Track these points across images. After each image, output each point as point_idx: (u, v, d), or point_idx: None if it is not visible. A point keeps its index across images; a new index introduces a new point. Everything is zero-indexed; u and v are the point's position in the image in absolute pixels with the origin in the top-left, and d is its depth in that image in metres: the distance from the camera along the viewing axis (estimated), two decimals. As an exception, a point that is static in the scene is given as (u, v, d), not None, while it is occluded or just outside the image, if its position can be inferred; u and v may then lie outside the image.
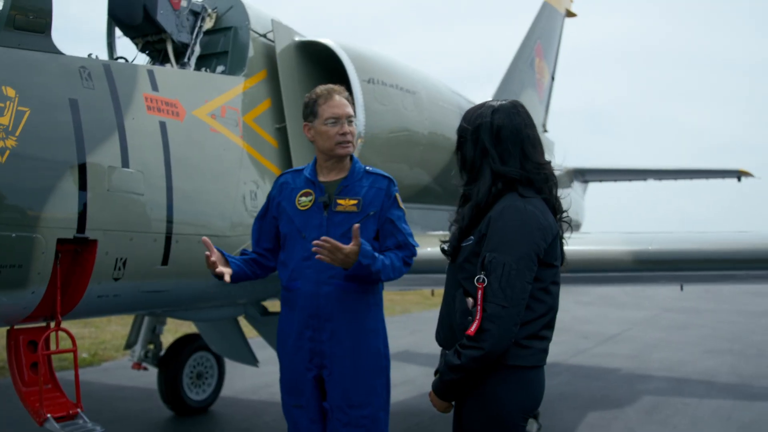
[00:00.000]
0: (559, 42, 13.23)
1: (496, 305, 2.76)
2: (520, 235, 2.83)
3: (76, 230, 3.94)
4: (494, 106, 3.05)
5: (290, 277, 3.68)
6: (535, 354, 2.94)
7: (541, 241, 2.86)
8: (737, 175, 13.23)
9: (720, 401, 8.81)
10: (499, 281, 2.77)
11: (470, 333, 2.78)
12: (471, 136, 3.03)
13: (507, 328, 2.77)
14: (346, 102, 3.75)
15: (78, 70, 4.09)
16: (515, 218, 2.85)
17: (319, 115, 3.70)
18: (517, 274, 2.79)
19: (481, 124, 3.01)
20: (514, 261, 2.79)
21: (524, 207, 2.89)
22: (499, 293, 2.76)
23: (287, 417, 3.81)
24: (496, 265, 2.79)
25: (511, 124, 3.01)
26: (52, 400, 3.96)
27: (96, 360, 10.38)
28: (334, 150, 3.68)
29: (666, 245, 4.79)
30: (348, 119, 3.72)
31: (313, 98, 3.77)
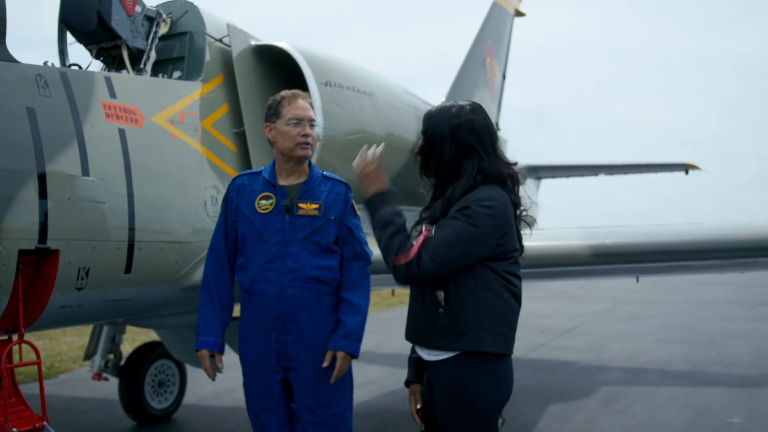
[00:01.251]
0: (509, 41, 13.37)
1: (428, 256, 2.88)
2: (483, 217, 2.90)
3: (38, 240, 3.89)
4: (466, 106, 3.13)
5: (253, 280, 3.67)
6: (505, 341, 3.00)
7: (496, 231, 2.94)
8: (685, 169, 13.54)
9: (675, 388, 9.04)
10: (443, 239, 2.89)
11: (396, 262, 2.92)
12: (449, 136, 3.07)
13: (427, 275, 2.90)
14: (309, 107, 3.80)
15: (34, 78, 4.04)
16: (484, 204, 2.93)
17: (282, 116, 3.73)
18: (461, 243, 2.88)
19: (461, 124, 3.07)
20: (466, 231, 2.88)
21: (493, 196, 2.97)
22: (436, 248, 2.88)
23: (254, 421, 3.80)
24: (447, 225, 2.91)
25: (487, 123, 3.12)
26: (17, 413, 3.88)
27: (53, 372, 10.18)
28: (294, 150, 3.69)
29: (623, 238, 4.90)
30: (310, 122, 3.75)
31: (277, 100, 3.80)
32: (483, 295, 2.94)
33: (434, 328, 3.00)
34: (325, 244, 3.68)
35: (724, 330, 14.35)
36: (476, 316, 2.92)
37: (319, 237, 3.66)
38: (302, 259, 3.62)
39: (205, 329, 3.76)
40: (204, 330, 3.77)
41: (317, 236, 3.66)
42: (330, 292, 3.71)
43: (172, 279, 4.83)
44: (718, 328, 14.70)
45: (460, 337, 2.93)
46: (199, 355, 3.75)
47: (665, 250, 4.73)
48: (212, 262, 3.82)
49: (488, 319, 2.93)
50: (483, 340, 2.92)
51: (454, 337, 2.94)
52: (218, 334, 3.76)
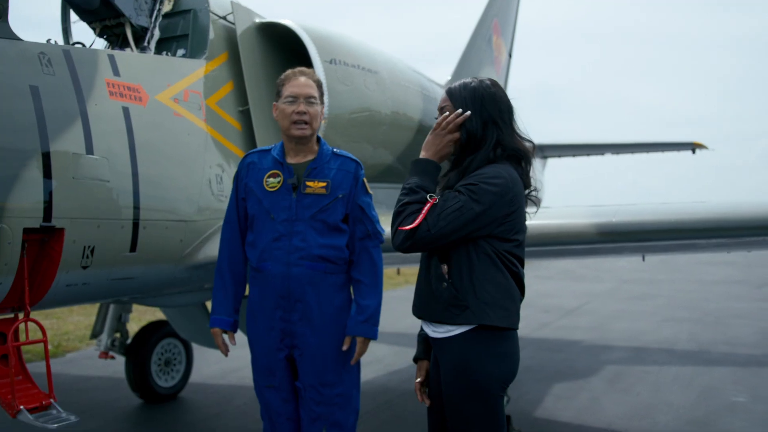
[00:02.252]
0: (515, 19, 13.29)
1: (426, 225, 2.89)
2: (487, 194, 2.91)
3: (43, 219, 3.88)
4: (487, 80, 3.17)
5: (260, 258, 3.67)
6: (510, 316, 3.01)
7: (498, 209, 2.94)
8: (692, 148, 13.50)
9: (680, 368, 9.06)
10: (443, 210, 2.90)
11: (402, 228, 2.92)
12: (473, 107, 3.08)
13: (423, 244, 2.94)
14: (309, 83, 3.73)
15: (38, 56, 4.01)
16: (491, 181, 2.94)
17: (281, 94, 3.72)
18: (460, 216, 2.89)
19: (484, 96, 3.09)
20: (466, 205, 2.89)
21: (501, 174, 2.97)
22: (435, 219, 2.90)
23: (260, 398, 3.83)
24: (450, 197, 2.92)
25: (506, 98, 3.15)
26: (25, 391, 3.90)
27: (60, 351, 10.24)
28: (290, 130, 3.66)
29: (629, 217, 4.87)
30: (307, 99, 3.68)
31: (282, 79, 3.78)
32: (485, 269, 2.95)
33: (437, 302, 3.01)
34: (333, 222, 3.66)
35: (729, 310, 14.36)
36: (479, 290, 2.94)
37: (326, 216, 3.65)
38: (309, 238, 3.61)
39: (218, 307, 3.78)
40: (217, 308, 3.78)
41: (324, 215, 3.64)
42: (337, 270, 3.70)
43: (178, 258, 4.83)
44: (723, 307, 14.70)
45: (462, 310, 2.95)
46: (212, 332, 3.77)
47: (672, 228, 4.70)
48: (225, 240, 3.83)
49: (490, 293, 2.94)
50: (485, 313, 2.93)
51: (456, 310, 2.96)
52: (230, 312, 3.78)
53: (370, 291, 3.72)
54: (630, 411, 7.02)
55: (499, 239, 2.99)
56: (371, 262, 3.75)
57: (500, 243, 3.00)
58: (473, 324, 2.94)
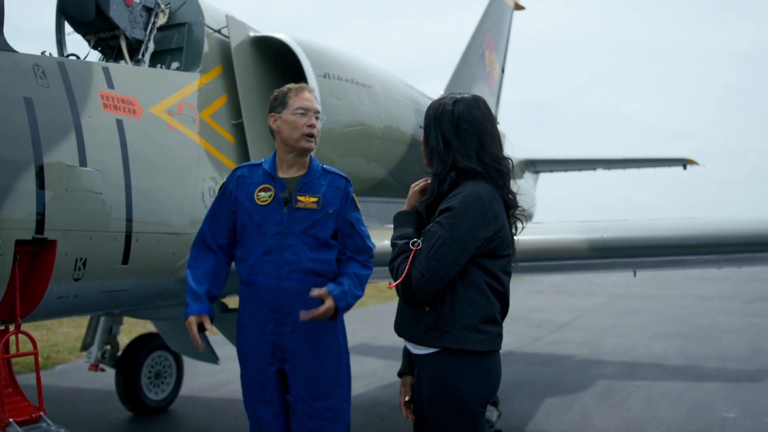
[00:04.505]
0: (508, 35, 13.35)
1: (418, 271, 2.88)
2: (465, 218, 2.89)
3: (35, 231, 3.88)
4: (456, 97, 3.15)
5: (250, 272, 3.68)
6: (492, 338, 3.01)
7: (482, 230, 2.91)
8: (683, 164, 13.55)
9: (670, 383, 9.07)
10: (429, 251, 2.88)
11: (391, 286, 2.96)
12: (434, 125, 3.10)
13: (423, 294, 2.90)
14: (314, 99, 3.83)
15: (32, 67, 4.02)
16: (465, 203, 2.92)
17: (288, 106, 3.73)
18: (447, 251, 2.87)
19: (442, 113, 3.09)
20: (449, 238, 2.88)
21: (477, 193, 2.95)
22: (423, 262, 2.88)
23: (249, 413, 3.81)
24: (431, 235, 2.91)
25: (470, 115, 3.08)
26: (14, 404, 3.88)
27: (49, 363, 10.19)
28: (299, 141, 3.69)
29: (621, 233, 4.89)
30: (315, 114, 3.77)
31: (284, 91, 3.81)
32: (467, 293, 2.94)
33: (418, 324, 3.02)
34: (323, 238, 3.68)
35: (720, 325, 14.38)
36: (459, 315, 2.92)
37: (317, 231, 3.66)
38: (299, 252, 3.63)
39: (190, 300, 3.68)
40: (189, 301, 3.69)
41: (315, 230, 3.66)
42: (325, 284, 3.70)
43: (170, 270, 4.82)
44: (714, 323, 14.73)
45: (442, 334, 2.94)
46: (187, 323, 3.65)
47: (663, 244, 4.72)
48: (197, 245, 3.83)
49: (472, 317, 2.93)
50: (465, 338, 2.92)
51: (436, 334, 2.95)
52: (202, 299, 3.67)
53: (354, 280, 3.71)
54: (621, 426, 7.03)
55: (491, 257, 2.99)
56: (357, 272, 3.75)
57: (493, 261, 3.00)
58: (453, 348, 2.96)
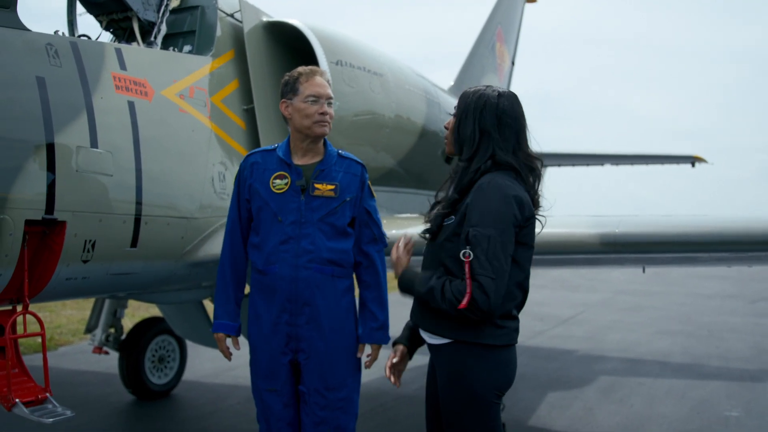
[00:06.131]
0: (519, 27, 13.28)
1: (486, 277, 2.82)
2: (500, 208, 2.89)
3: (45, 211, 3.85)
4: (499, 90, 3.14)
5: (266, 261, 3.62)
6: (509, 333, 3.01)
7: (518, 212, 2.92)
8: (691, 161, 13.47)
9: (674, 380, 9.03)
10: (486, 254, 2.84)
11: (463, 306, 2.84)
12: (473, 114, 3.07)
13: (497, 298, 2.85)
14: (327, 84, 3.73)
15: (45, 47, 3.98)
16: (494, 193, 2.92)
17: (299, 93, 3.64)
18: (501, 247, 2.86)
19: (485, 104, 3.07)
20: (497, 234, 2.86)
21: (503, 181, 2.96)
22: (486, 265, 2.83)
23: (258, 401, 3.78)
24: (480, 238, 2.85)
25: (514, 111, 3.09)
26: (20, 384, 3.87)
27: (52, 345, 10.18)
28: (312, 129, 3.62)
29: (633, 228, 4.84)
30: (328, 100, 3.68)
31: (294, 76, 3.71)
32: None
33: (436, 314, 3.00)
34: (341, 226, 3.64)
35: (723, 324, 14.33)
36: None
37: (334, 219, 3.62)
38: (317, 241, 3.58)
39: (222, 312, 3.74)
40: (221, 313, 3.74)
41: (333, 218, 3.61)
42: (344, 274, 3.67)
43: (178, 254, 4.80)
44: (717, 321, 14.68)
45: (459, 325, 2.93)
46: (216, 337, 3.73)
47: (676, 241, 4.68)
48: (228, 242, 3.78)
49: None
50: (482, 332, 2.92)
51: (454, 325, 2.94)
52: (235, 317, 3.74)
53: (381, 298, 3.74)
54: (623, 422, 7.00)
55: (521, 246, 2.97)
56: (376, 267, 3.75)
57: (523, 251, 2.99)
58: (471, 341, 2.93)
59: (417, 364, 8.65)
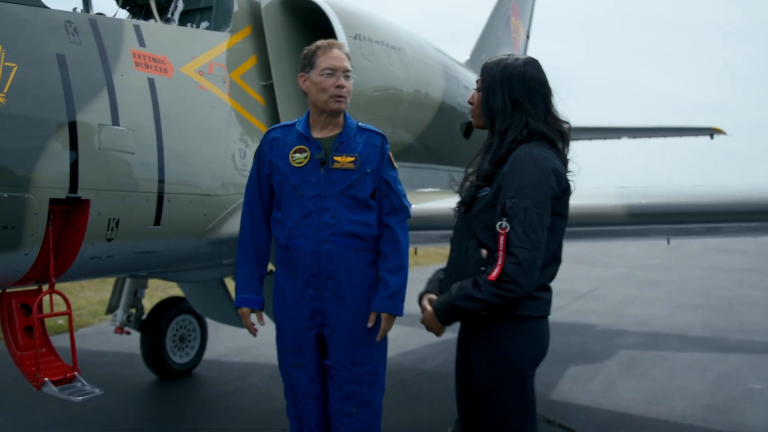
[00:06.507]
0: (533, 0, 13.15)
1: (523, 249, 2.79)
2: (538, 179, 2.86)
3: (69, 190, 3.83)
4: (521, 58, 3.11)
5: (289, 236, 3.60)
6: (544, 304, 3.00)
7: (556, 184, 2.89)
8: (710, 133, 13.32)
9: (695, 354, 9.02)
10: (522, 226, 2.80)
11: (492, 278, 2.80)
12: (500, 85, 3.03)
13: (533, 271, 2.82)
14: (345, 56, 3.67)
15: (64, 24, 3.94)
16: (532, 164, 2.89)
17: (316, 66, 3.61)
18: (538, 218, 2.82)
19: (512, 75, 3.03)
20: (534, 205, 2.82)
21: (539, 153, 2.93)
22: (524, 237, 2.79)
23: (285, 377, 3.77)
24: (517, 210, 2.81)
25: (540, 77, 3.06)
26: (48, 363, 3.87)
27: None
28: (327, 103, 3.58)
29: (659, 198, 4.78)
30: (345, 73, 3.63)
31: (312, 50, 3.68)
32: None
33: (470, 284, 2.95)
34: (362, 198, 3.59)
35: (742, 297, 14.28)
36: None
37: (355, 191, 3.58)
38: (339, 214, 3.55)
39: (245, 286, 3.70)
40: (244, 287, 3.71)
41: (353, 190, 3.57)
42: (367, 247, 3.64)
43: (201, 232, 4.78)
44: (736, 295, 14.62)
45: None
46: (240, 312, 3.71)
47: (704, 211, 4.62)
48: (247, 217, 3.75)
49: None
50: (518, 303, 2.89)
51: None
52: (258, 291, 3.71)
53: (396, 267, 3.66)
54: (647, 396, 6.99)
55: (558, 216, 2.95)
56: (396, 237, 3.68)
57: (558, 222, 2.96)
58: (506, 313, 2.90)
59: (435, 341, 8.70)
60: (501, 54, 3.17)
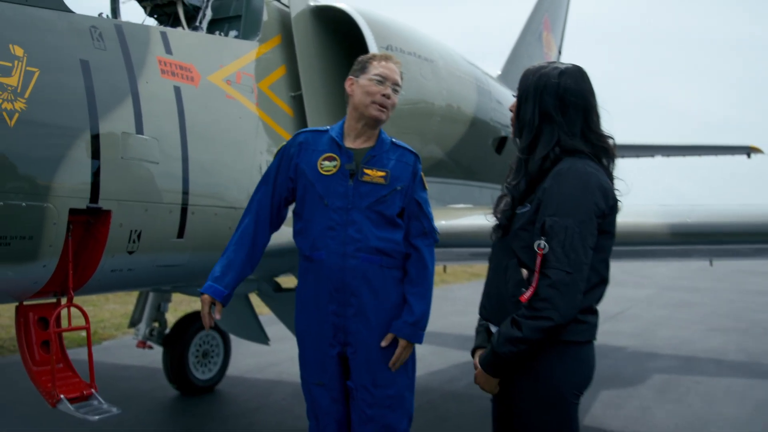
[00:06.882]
0: (566, 15, 13.02)
1: (561, 271, 2.60)
2: (581, 196, 2.67)
3: (89, 200, 3.71)
4: (560, 67, 2.89)
5: (312, 247, 3.45)
6: (590, 328, 2.82)
7: (602, 201, 2.70)
8: (747, 152, 13.07)
9: (731, 379, 8.73)
10: (562, 246, 2.61)
11: (523, 299, 2.63)
12: (533, 97, 2.84)
13: (573, 295, 2.62)
14: (398, 71, 3.59)
15: (89, 29, 3.85)
16: (575, 179, 2.70)
17: (368, 71, 3.51)
18: (580, 238, 2.63)
19: (546, 85, 2.83)
20: (576, 224, 2.63)
21: (584, 168, 2.74)
22: (563, 258, 2.60)
23: (307, 396, 3.62)
24: (558, 229, 2.62)
25: (578, 88, 2.84)
26: (65, 380, 3.75)
27: (96, 339, 10.19)
28: (369, 108, 3.45)
29: (705, 218, 4.58)
30: (394, 86, 3.53)
31: (369, 56, 3.61)
32: None
33: (514, 309, 2.76)
34: (389, 215, 3.45)
35: (777, 321, 13.92)
36: None
37: (383, 207, 3.43)
38: (365, 229, 3.40)
39: (219, 276, 3.49)
40: (217, 276, 3.50)
41: (382, 206, 3.43)
42: (394, 264, 3.48)
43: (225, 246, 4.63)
44: (770, 319, 14.27)
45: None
46: (201, 298, 3.49)
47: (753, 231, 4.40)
48: (255, 211, 3.58)
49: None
50: (570, 329, 2.70)
51: None
52: (228, 284, 3.49)
53: (422, 292, 3.51)
54: (683, 423, 6.75)
55: (605, 234, 2.75)
56: (424, 262, 3.54)
57: (605, 240, 2.77)
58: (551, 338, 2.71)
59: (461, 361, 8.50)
60: (545, 61, 2.99)
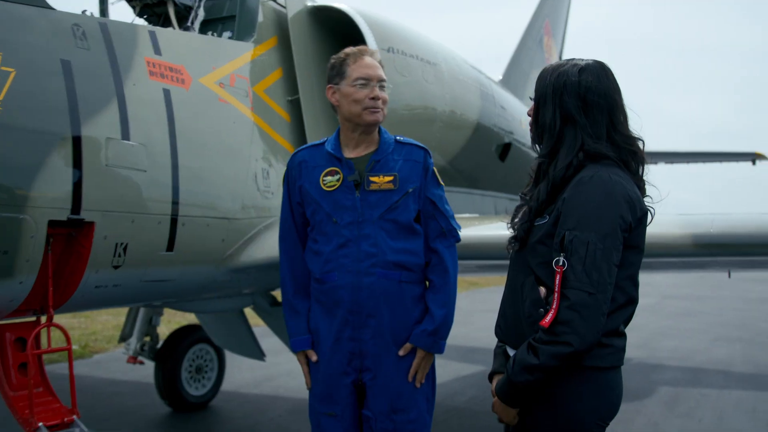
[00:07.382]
0: (566, 20, 12.91)
1: (581, 291, 2.33)
2: (605, 208, 2.40)
3: (71, 211, 3.49)
4: (580, 64, 2.61)
5: (324, 268, 3.18)
6: (615, 353, 2.54)
7: (628, 214, 2.43)
8: (752, 159, 12.95)
9: (741, 392, 8.52)
10: (583, 263, 2.34)
11: (544, 324, 2.36)
12: (552, 98, 2.58)
13: (595, 318, 2.35)
14: (378, 64, 3.26)
15: (71, 28, 3.63)
16: (598, 189, 2.43)
17: (347, 76, 3.19)
18: (603, 255, 2.36)
19: (565, 84, 2.56)
20: (599, 239, 2.36)
21: (608, 177, 2.46)
22: (583, 277, 2.33)
23: (314, 426, 3.34)
24: (578, 244, 2.36)
25: (601, 86, 2.57)
26: (44, 405, 3.52)
27: (87, 352, 9.96)
28: (362, 116, 3.17)
29: (729, 228, 4.36)
30: (380, 83, 3.22)
31: (341, 58, 3.26)
32: None
33: (530, 330, 2.50)
34: (405, 222, 3.16)
35: (783, 331, 13.73)
36: None
37: (396, 214, 3.14)
38: (380, 242, 3.11)
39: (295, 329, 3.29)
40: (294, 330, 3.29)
41: (394, 213, 3.14)
42: (414, 279, 3.19)
43: (219, 259, 4.41)
44: (777, 328, 14.08)
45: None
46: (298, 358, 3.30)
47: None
48: (282, 250, 3.35)
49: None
50: (594, 354, 2.43)
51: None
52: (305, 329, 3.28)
53: (443, 299, 3.23)
54: (695, 439, 6.50)
55: (632, 249, 2.48)
56: (445, 266, 3.24)
57: (634, 255, 2.50)
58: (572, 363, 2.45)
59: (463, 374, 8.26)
60: (564, 59, 2.73)
